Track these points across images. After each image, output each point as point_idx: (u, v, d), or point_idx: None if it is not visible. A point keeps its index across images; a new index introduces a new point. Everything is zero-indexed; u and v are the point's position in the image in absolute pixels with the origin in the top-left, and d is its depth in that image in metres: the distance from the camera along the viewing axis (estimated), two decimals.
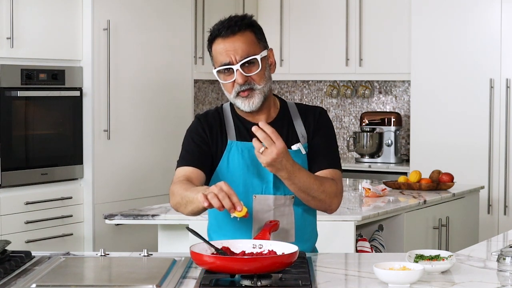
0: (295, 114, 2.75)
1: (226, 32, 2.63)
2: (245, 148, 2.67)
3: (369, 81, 6.85)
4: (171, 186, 2.59)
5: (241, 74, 2.60)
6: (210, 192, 2.31)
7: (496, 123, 5.81)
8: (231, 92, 2.64)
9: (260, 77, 2.63)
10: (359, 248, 4.03)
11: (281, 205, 2.68)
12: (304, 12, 6.67)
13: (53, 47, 5.11)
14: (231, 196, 2.31)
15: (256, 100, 2.63)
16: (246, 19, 2.67)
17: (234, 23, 2.63)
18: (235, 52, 2.60)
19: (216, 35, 2.66)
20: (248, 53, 2.61)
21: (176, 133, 5.76)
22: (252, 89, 2.62)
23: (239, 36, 2.62)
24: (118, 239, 5.40)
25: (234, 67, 2.60)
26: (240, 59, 2.60)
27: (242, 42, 2.62)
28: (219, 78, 2.66)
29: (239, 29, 2.63)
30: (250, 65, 2.62)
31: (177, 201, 2.53)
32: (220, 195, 2.30)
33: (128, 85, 5.52)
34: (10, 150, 4.87)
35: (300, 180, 2.55)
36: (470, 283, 2.35)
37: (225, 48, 2.62)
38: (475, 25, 5.86)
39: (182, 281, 2.33)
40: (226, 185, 2.33)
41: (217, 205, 2.30)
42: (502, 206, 5.83)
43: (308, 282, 2.24)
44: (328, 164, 2.70)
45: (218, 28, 2.66)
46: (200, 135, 2.69)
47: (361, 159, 6.61)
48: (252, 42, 2.64)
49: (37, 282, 2.26)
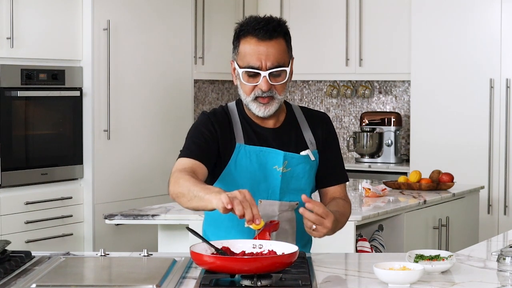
0: (301, 119, 2.74)
1: (263, 35, 2.56)
2: (253, 153, 2.65)
3: (369, 81, 6.85)
4: (174, 173, 2.50)
5: (267, 81, 2.56)
6: (235, 198, 2.28)
7: (496, 123, 5.81)
8: (249, 95, 2.60)
9: (282, 88, 2.61)
10: (359, 248, 4.03)
11: (285, 211, 2.68)
12: (304, 12, 6.67)
13: (53, 47, 5.11)
14: (253, 207, 2.29)
15: (273, 109, 2.61)
16: (283, 25, 2.61)
17: (273, 28, 2.57)
18: (267, 58, 2.56)
19: (250, 32, 2.57)
20: (278, 62, 2.57)
21: (176, 133, 5.77)
22: (272, 97, 2.59)
23: (274, 43, 2.57)
24: (118, 239, 5.40)
25: (262, 73, 2.56)
26: (270, 66, 2.56)
27: (275, 49, 2.57)
28: (242, 78, 2.60)
29: (277, 36, 2.58)
30: (277, 75, 2.58)
31: (181, 191, 2.44)
32: (245, 204, 2.28)
33: (128, 85, 5.52)
34: (10, 150, 4.87)
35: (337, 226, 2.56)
36: (470, 283, 2.35)
37: (258, 50, 2.56)
38: (475, 25, 5.86)
39: (182, 281, 2.33)
40: (250, 194, 2.31)
41: (240, 212, 2.27)
42: (502, 206, 5.83)
43: (308, 282, 2.24)
44: (341, 179, 2.78)
45: (254, 26, 2.57)
46: (211, 131, 2.63)
47: (361, 159, 6.61)
48: (284, 51, 2.60)
49: (37, 282, 2.26)
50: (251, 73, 2.57)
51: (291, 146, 2.68)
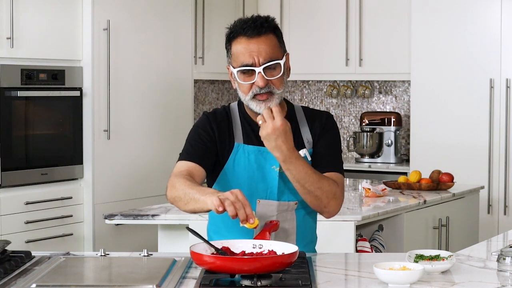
0: (301, 119, 2.73)
1: (252, 32, 2.57)
2: (252, 152, 2.66)
3: (369, 81, 6.85)
4: (171, 178, 2.54)
5: (263, 77, 2.57)
6: (226, 199, 2.29)
7: (496, 123, 5.81)
8: (248, 93, 2.60)
9: (280, 82, 2.61)
10: (359, 248, 4.03)
11: (284, 211, 2.68)
12: (304, 12, 6.67)
13: (53, 47, 5.11)
14: (246, 207, 2.30)
15: (273, 103, 2.59)
16: (271, 21, 2.63)
17: (260, 24, 2.58)
18: (259, 54, 2.57)
19: (239, 33, 2.59)
20: (271, 57, 2.58)
21: (176, 133, 5.77)
22: (271, 93, 2.59)
23: (264, 38, 2.58)
24: (118, 239, 5.40)
25: (256, 69, 2.56)
26: (263, 62, 2.57)
27: (266, 45, 2.58)
28: (238, 78, 2.61)
29: (265, 31, 2.59)
30: (272, 69, 2.59)
31: (177, 195, 2.47)
32: (237, 205, 2.29)
33: (128, 85, 5.52)
34: (10, 150, 4.87)
35: (296, 167, 2.52)
36: (470, 283, 2.35)
37: (249, 48, 2.57)
38: (475, 25, 5.86)
39: (182, 281, 2.33)
40: (242, 194, 2.31)
41: (232, 213, 2.28)
42: (502, 206, 5.83)
43: (308, 282, 2.24)
44: (331, 168, 2.66)
45: (242, 26, 2.59)
46: (208, 132, 2.65)
47: (361, 159, 6.61)
48: (275, 46, 2.61)
49: (37, 282, 2.26)
50: (246, 71, 2.58)
51: None
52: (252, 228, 2.33)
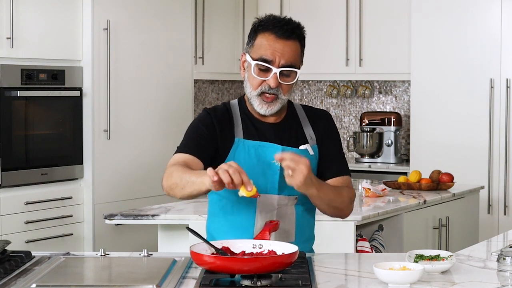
0: (302, 116, 2.76)
1: (282, 33, 2.61)
2: (252, 147, 2.67)
3: (369, 81, 6.85)
4: (167, 168, 2.54)
5: (277, 78, 2.60)
6: (220, 168, 2.30)
7: (496, 123, 5.81)
8: (256, 89, 2.63)
9: (288, 89, 2.65)
10: (359, 248, 4.03)
11: (284, 205, 2.68)
12: (304, 12, 6.67)
13: (53, 47, 5.11)
14: (241, 173, 2.30)
15: (275, 108, 2.64)
16: (302, 29, 2.69)
17: (292, 29, 2.63)
18: (281, 55, 2.60)
19: (269, 29, 2.62)
20: (291, 62, 2.62)
21: (176, 133, 5.77)
22: (277, 97, 2.63)
23: (290, 43, 2.63)
24: (118, 239, 5.40)
25: (274, 69, 2.60)
26: (283, 64, 2.60)
27: (291, 49, 2.63)
28: (253, 70, 2.62)
29: (295, 37, 2.64)
30: (287, 75, 2.62)
31: (174, 182, 2.46)
32: (231, 170, 2.29)
33: (128, 85, 5.52)
34: (10, 150, 4.87)
35: (326, 193, 2.57)
36: (470, 283, 2.35)
37: (274, 46, 2.60)
38: (475, 25, 5.86)
39: (182, 281, 2.33)
40: (236, 164, 2.32)
41: (226, 180, 2.28)
42: (502, 206, 5.83)
43: (308, 282, 2.24)
44: (340, 172, 2.75)
45: (274, 24, 2.63)
46: (209, 127, 2.66)
47: (361, 159, 6.61)
48: (297, 54, 2.66)
49: (37, 282, 2.26)
50: (263, 67, 2.61)
51: (291, 141, 2.70)
52: (250, 196, 2.31)
